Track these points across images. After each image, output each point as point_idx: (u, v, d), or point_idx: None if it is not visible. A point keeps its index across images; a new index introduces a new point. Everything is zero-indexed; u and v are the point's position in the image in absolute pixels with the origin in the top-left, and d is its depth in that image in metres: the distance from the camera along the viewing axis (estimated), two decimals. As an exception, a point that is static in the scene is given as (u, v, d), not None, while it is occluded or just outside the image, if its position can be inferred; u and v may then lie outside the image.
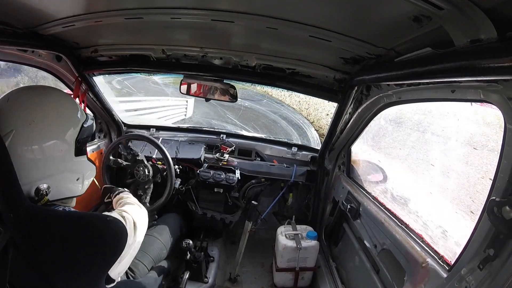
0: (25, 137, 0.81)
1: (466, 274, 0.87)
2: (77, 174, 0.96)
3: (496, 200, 0.76)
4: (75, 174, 0.95)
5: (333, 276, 1.92)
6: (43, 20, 1.26)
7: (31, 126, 0.81)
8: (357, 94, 1.60)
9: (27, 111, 0.83)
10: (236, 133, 2.71)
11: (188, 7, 1.09)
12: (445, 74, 0.81)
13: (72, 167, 0.93)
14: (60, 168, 0.89)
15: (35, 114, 0.83)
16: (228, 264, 2.29)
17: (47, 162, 0.85)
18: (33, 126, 0.82)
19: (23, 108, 0.83)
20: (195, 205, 2.25)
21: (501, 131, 0.80)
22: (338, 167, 2.13)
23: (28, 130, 0.81)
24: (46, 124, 0.84)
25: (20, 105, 0.83)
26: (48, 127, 0.85)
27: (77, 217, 0.86)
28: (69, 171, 0.92)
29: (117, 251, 0.87)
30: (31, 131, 0.81)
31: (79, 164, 0.95)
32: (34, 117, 0.82)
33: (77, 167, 0.95)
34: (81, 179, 0.98)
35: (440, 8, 0.72)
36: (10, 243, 0.75)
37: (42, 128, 0.83)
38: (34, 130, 0.82)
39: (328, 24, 1.05)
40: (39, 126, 0.83)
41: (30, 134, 0.81)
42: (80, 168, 0.96)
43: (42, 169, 0.84)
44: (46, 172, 0.85)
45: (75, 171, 0.95)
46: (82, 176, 0.98)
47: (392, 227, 1.34)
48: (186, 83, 1.90)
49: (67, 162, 0.90)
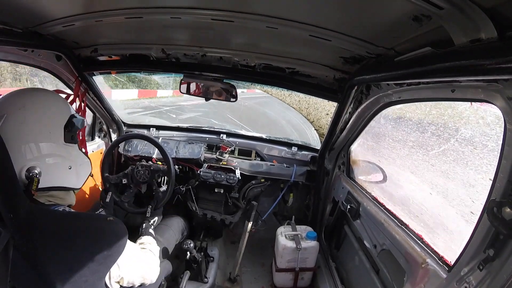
0: (15, 120, 0.86)
1: (466, 274, 0.87)
2: (68, 162, 0.97)
3: (496, 201, 0.75)
4: (66, 161, 0.97)
5: (333, 277, 1.92)
6: (43, 20, 1.26)
7: (21, 110, 0.88)
8: (357, 93, 1.60)
9: (19, 99, 0.90)
10: (236, 133, 2.71)
11: (188, 6, 1.09)
12: (445, 73, 0.81)
13: (61, 153, 0.95)
14: (49, 150, 0.92)
15: (25, 101, 0.90)
16: (228, 264, 2.29)
17: (36, 144, 0.89)
18: (23, 110, 0.88)
19: (15, 97, 0.91)
20: (194, 205, 2.25)
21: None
22: (338, 167, 2.13)
23: (18, 114, 0.87)
24: (35, 109, 0.90)
25: (13, 95, 0.92)
26: (37, 111, 0.91)
27: (77, 217, 0.86)
28: (58, 156, 0.94)
29: (117, 251, 0.87)
30: (21, 115, 0.87)
31: (69, 151, 0.98)
32: (24, 103, 0.89)
33: (67, 153, 0.97)
34: (74, 169, 0.99)
35: (440, 8, 0.72)
36: (10, 243, 0.75)
37: (31, 112, 0.89)
38: (24, 113, 0.88)
39: (328, 24, 1.05)
40: (29, 110, 0.89)
41: (20, 118, 0.87)
42: (70, 155, 0.98)
43: (31, 151, 0.88)
44: (36, 153, 0.88)
45: (66, 158, 0.97)
46: (74, 166, 0.99)
47: (392, 227, 1.34)
48: (186, 82, 1.89)
49: (56, 146, 0.93)
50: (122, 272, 0.91)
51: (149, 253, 1.19)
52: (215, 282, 1.95)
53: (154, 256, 1.20)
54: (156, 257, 1.21)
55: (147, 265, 1.08)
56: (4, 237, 0.74)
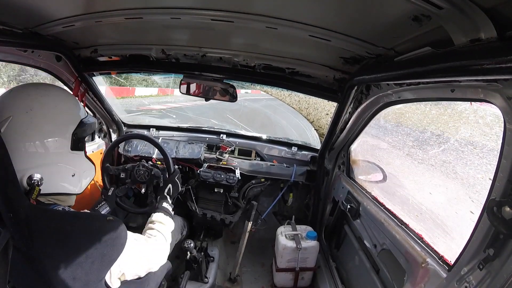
0: (21, 125, 0.82)
1: (466, 274, 0.87)
2: (73, 170, 0.95)
3: (496, 200, 0.75)
4: (71, 169, 0.94)
5: (333, 276, 1.92)
6: (43, 20, 1.26)
7: (28, 114, 0.83)
8: (357, 93, 1.60)
9: (26, 101, 0.85)
10: (236, 133, 2.71)
11: (188, 7, 1.09)
12: (445, 73, 0.81)
13: (67, 161, 0.92)
14: (54, 159, 0.89)
15: (33, 103, 0.85)
16: (228, 264, 2.29)
17: (41, 151, 0.86)
18: (30, 114, 0.83)
19: (23, 98, 0.85)
20: (194, 205, 2.25)
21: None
22: (338, 166, 2.13)
23: (25, 117, 0.83)
24: (43, 113, 0.86)
25: (20, 95, 0.86)
26: (45, 117, 0.86)
27: (76, 216, 0.86)
28: (63, 164, 0.92)
29: (116, 251, 0.87)
30: (28, 119, 0.83)
31: (74, 159, 0.95)
32: (32, 106, 0.84)
33: (72, 161, 0.94)
34: (77, 176, 0.97)
35: (439, 8, 0.72)
36: (9, 243, 0.75)
37: (38, 117, 0.85)
38: (31, 118, 0.83)
39: (328, 24, 1.05)
40: (36, 114, 0.84)
41: (26, 122, 0.83)
42: (76, 163, 0.96)
43: (35, 158, 0.84)
44: (40, 161, 0.86)
45: (71, 166, 0.94)
46: (78, 173, 0.97)
47: (392, 227, 1.34)
48: (186, 83, 1.90)
49: (62, 154, 0.90)
50: (124, 269, 0.91)
51: (154, 240, 1.12)
52: (215, 282, 1.95)
53: (163, 240, 1.14)
54: (165, 240, 1.15)
55: (151, 255, 1.05)
56: (4, 237, 0.74)
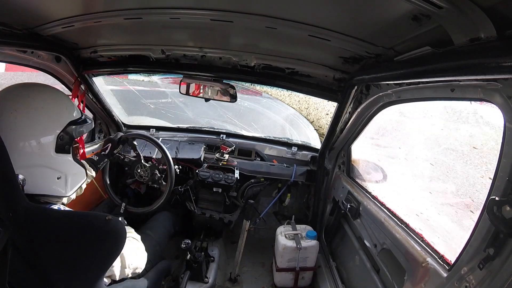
0: (6, 125, 0.82)
1: (466, 273, 0.87)
2: (58, 173, 0.93)
3: (496, 199, 0.75)
4: (55, 172, 0.93)
5: (333, 276, 1.92)
6: (42, 21, 1.26)
7: (13, 114, 0.83)
8: (356, 93, 1.60)
9: (13, 101, 0.85)
10: (236, 133, 2.71)
11: (187, 7, 1.09)
12: (445, 73, 0.81)
13: (50, 163, 0.91)
14: (36, 161, 0.88)
15: (18, 105, 0.85)
16: (228, 264, 2.29)
17: (24, 152, 0.85)
18: (15, 114, 0.84)
19: (10, 98, 0.86)
20: (193, 205, 2.25)
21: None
22: (338, 166, 2.13)
23: (10, 118, 0.83)
24: (27, 115, 0.85)
25: (8, 95, 0.86)
26: (29, 118, 0.86)
27: (76, 216, 0.86)
28: (46, 167, 0.90)
29: (116, 250, 0.87)
30: (13, 120, 0.83)
31: (59, 162, 0.93)
32: (17, 107, 0.84)
33: (57, 164, 0.92)
34: (63, 179, 0.95)
35: (439, 7, 0.72)
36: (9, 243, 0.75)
37: (22, 118, 0.85)
38: (15, 119, 0.83)
39: (327, 24, 1.05)
40: (20, 115, 0.84)
41: (10, 122, 0.83)
42: (61, 166, 0.94)
43: (17, 159, 0.83)
44: (22, 162, 0.84)
45: (55, 169, 0.92)
46: (64, 175, 0.95)
47: (392, 226, 1.34)
48: (185, 83, 1.90)
49: (44, 157, 0.89)
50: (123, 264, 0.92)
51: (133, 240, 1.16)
52: (216, 282, 1.95)
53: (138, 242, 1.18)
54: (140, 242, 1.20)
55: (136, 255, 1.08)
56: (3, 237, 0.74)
